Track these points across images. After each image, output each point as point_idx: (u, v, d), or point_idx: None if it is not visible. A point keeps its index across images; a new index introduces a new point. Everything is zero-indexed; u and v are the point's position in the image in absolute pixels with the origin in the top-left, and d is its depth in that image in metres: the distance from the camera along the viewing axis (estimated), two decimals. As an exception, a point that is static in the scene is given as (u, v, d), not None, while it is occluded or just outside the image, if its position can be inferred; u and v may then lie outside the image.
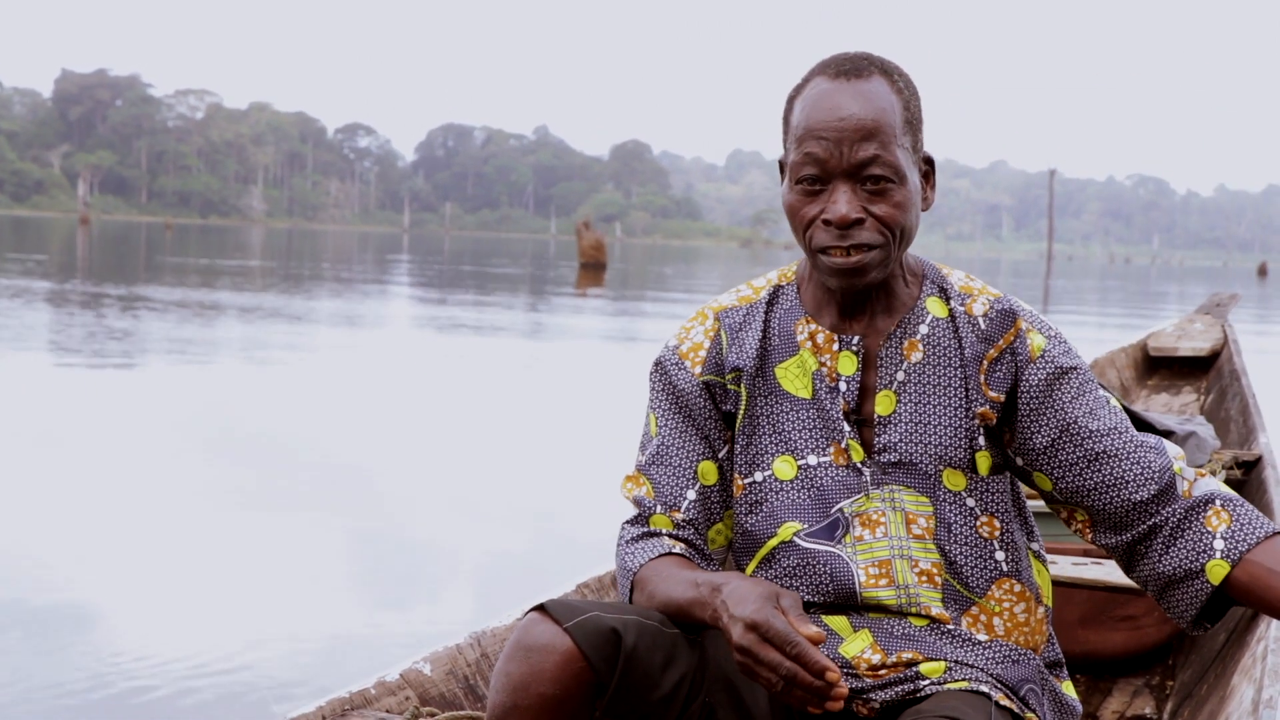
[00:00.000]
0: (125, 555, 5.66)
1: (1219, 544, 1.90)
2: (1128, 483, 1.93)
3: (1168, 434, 4.52)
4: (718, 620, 1.77)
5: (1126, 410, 4.65)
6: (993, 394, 1.96)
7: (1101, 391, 2.00)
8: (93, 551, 5.67)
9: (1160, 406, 6.25)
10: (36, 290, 21.77)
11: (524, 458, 8.46)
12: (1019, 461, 1.98)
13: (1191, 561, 1.91)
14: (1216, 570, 1.90)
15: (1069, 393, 1.95)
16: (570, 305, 25.12)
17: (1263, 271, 76.85)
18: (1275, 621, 2.75)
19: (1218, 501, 1.93)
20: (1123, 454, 1.93)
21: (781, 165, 2.01)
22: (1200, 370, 7.91)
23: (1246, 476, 4.48)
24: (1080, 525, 2.00)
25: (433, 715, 2.46)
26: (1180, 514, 1.93)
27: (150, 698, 4.07)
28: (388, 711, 2.44)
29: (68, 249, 45.54)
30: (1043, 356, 1.95)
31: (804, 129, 1.91)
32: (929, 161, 2.00)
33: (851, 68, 1.93)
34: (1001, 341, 1.96)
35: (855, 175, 1.89)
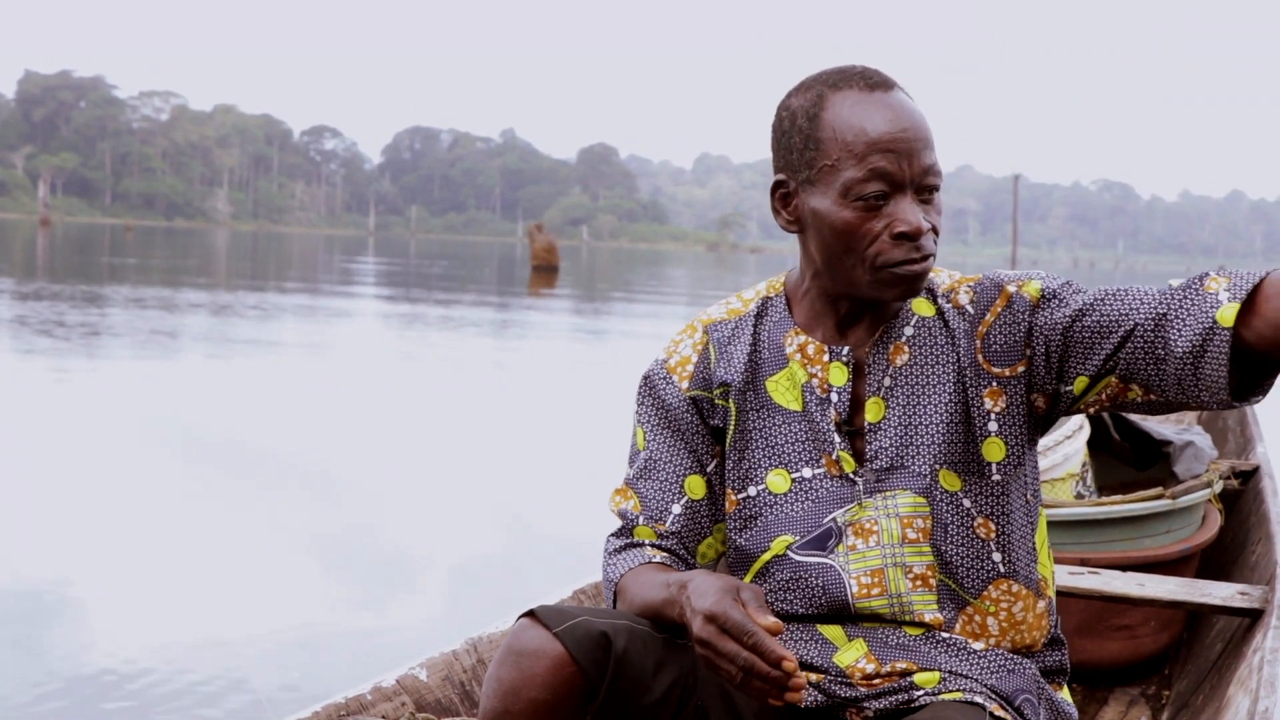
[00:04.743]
0: (103, 560, 5.62)
1: (1224, 295, 1.79)
2: (1131, 312, 1.85)
3: (1165, 443, 4.51)
4: (683, 615, 1.77)
5: (1124, 419, 4.66)
6: (997, 369, 1.93)
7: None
8: (71, 557, 5.62)
9: (1157, 416, 6.25)
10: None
11: (503, 461, 8.45)
12: (1063, 389, 1.92)
13: (1201, 321, 1.79)
14: (1226, 314, 1.77)
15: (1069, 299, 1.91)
16: (514, 307, 25.12)
17: (1223, 276, 77.57)
18: (1271, 633, 2.75)
19: (1210, 273, 1.84)
20: (1118, 295, 1.87)
21: (780, 184, 1.95)
22: None
23: (1244, 486, 4.45)
24: (1116, 389, 1.90)
25: (428, 721, 2.45)
26: (1179, 296, 1.83)
27: (130, 703, 4.04)
28: (384, 717, 2.44)
29: (19, 250, 45.28)
30: (1043, 296, 1.92)
31: (865, 143, 1.85)
32: None
33: (879, 80, 1.90)
34: (989, 315, 1.94)
35: (917, 186, 1.87)
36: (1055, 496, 4.01)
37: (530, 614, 1.83)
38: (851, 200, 1.87)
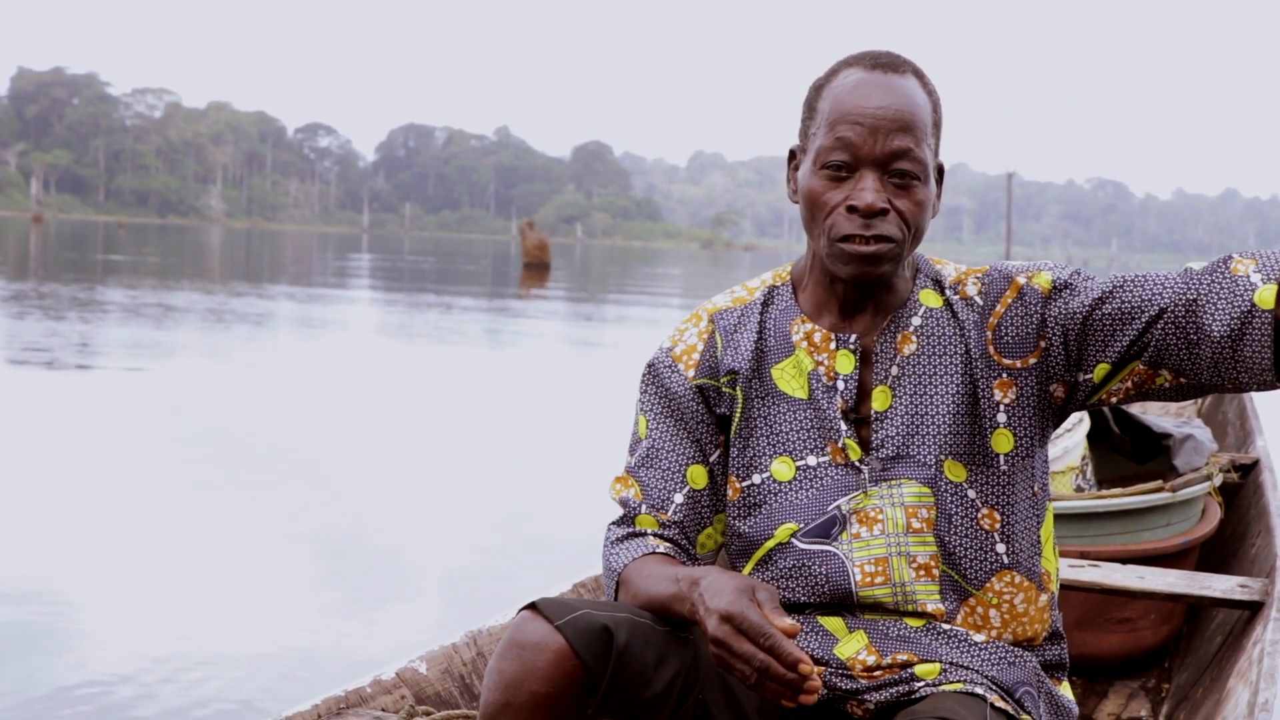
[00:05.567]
0: (94, 563, 5.60)
1: (1256, 278, 1.81)
2: (1154, 297, 1.85)
3: (1165, 437, 4.51)
4: (695, 613, 1.77)
5: (1123, 413, 4.65)
6: (1008, 361, 1.93)
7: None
8: (64, 560, 5.60)
9: (1157, 409, 6.27)
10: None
11: (500, 458, 8.43)
12: (1082, 378, 1.92)
13: (1237, 305, 1.80)
14: (1265, 295, 1.79)
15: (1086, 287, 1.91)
16: (506, 310, 25.16)
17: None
18: (1271, 625, 2.75)
19: (1234, 255, 1.85)
20: (1137, 281, 1.88)
21: (793, 153, 1.99)
22: None
23: (1244, 479, 4.48)
24: (1144, 375, 1.90)
25: (428, 714, 2.46)
26: (1206, 280, 1.83)
27: (120, 704, 4.02)
28: (383, 710, 2.44)
29: (12, 247, 45.33)
30: (1055, 287, 1.93)
31: (838, 113, 1.89)
32: (940, 170, 1.98)
33: (889, 62, 1.93)
34: (1000, 306, 1.94)
35: (884, 166, 1.88)
36: (1055, 489, 4.01)
37: (532, 606, 1.83)
38: (819, 168, 1.91)
